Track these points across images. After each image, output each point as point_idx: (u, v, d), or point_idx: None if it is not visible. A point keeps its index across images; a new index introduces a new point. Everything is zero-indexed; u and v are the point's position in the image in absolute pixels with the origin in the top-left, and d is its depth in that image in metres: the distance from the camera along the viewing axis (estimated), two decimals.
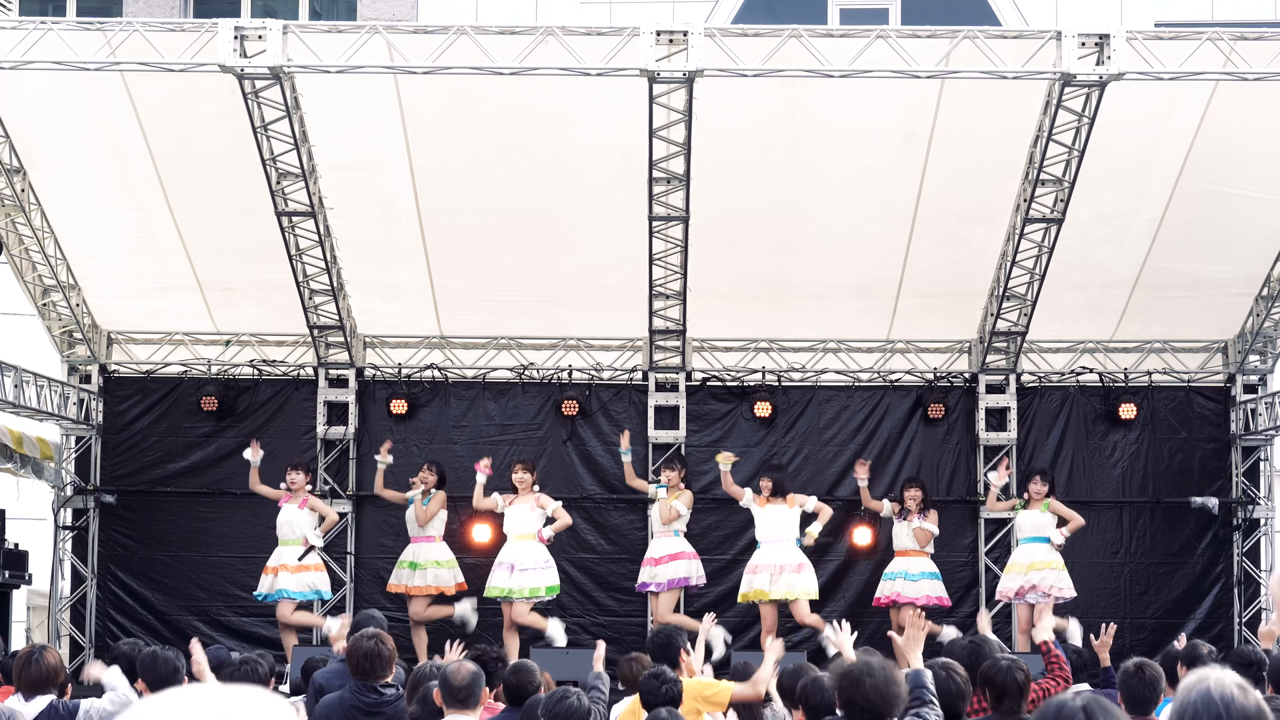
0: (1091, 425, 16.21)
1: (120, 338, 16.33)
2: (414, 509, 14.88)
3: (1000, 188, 14.06)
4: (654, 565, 14.61)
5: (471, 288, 15.47)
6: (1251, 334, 15.89)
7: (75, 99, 13.53)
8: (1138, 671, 7.29)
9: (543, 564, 14.36)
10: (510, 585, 14.22)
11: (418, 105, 13.44)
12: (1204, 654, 9.48)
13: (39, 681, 8.17)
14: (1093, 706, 3.30)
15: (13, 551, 15.37)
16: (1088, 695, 3.43)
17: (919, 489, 14.94)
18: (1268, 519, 16.12)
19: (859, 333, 16.15)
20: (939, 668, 6.20)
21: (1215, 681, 3.21)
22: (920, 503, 14.86)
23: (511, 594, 14.22)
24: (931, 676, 6.39)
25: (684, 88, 12.09)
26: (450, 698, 6.96)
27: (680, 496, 14.66)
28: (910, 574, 14.78)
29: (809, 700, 6.96)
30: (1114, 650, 15.62)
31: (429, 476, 14.88)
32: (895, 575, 14.88)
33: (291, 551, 14.57)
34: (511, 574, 14.24)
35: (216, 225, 14.78)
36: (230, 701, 2.45)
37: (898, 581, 14.82)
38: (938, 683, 6.09)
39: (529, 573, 14.26)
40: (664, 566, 14.56)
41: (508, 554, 14.40)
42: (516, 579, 14.22)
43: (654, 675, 7.80)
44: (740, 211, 14.47)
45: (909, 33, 11.81)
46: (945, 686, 6.13)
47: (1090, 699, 3.35)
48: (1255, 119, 13.47)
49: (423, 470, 14.96)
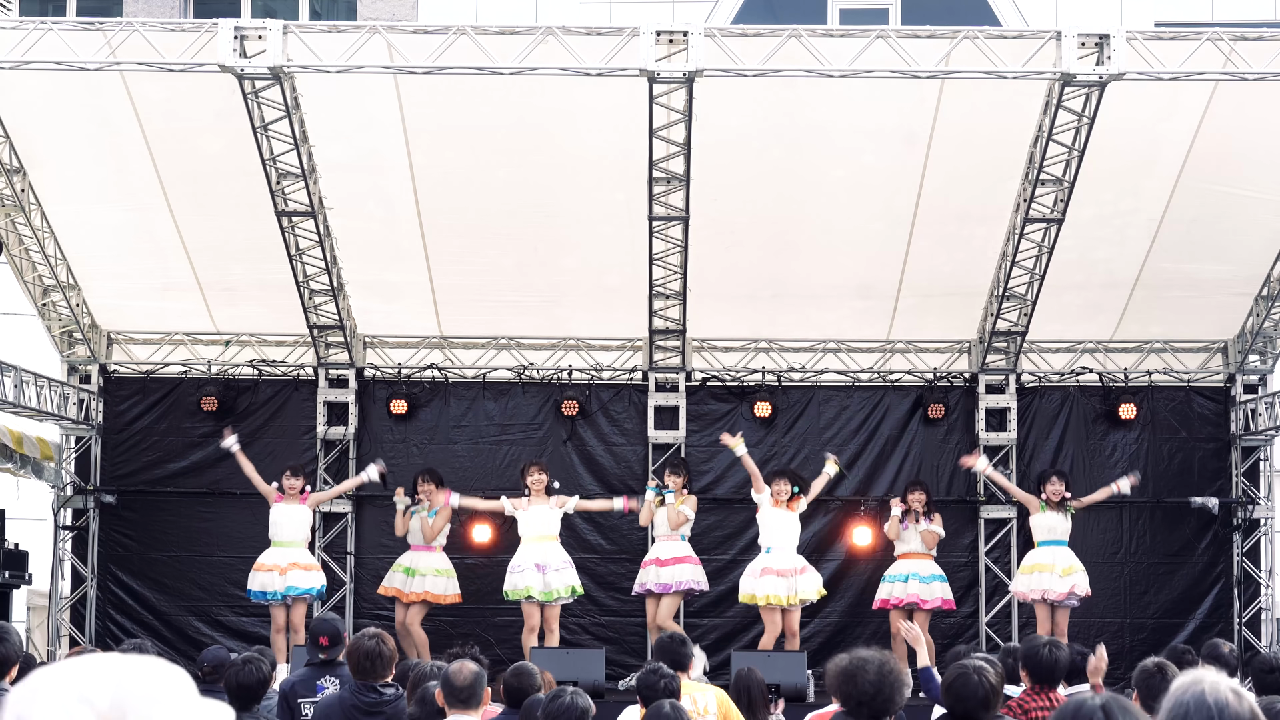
0: (1091, 425, 16.21)
1: (120, 338, 16.33)
2: (419, 525, 14.75)
3: (1000, 188, 14.06)
4: (659, 566, 14.54)
5: (471, 288, 15.46)
6: (1251, 334, 15.89)
7: (75, 99, 13.53)
8: (1158, 671, 7.28)
9: (566, 564, 14.38)
10: (544, 587, 14.18)
11: (418, 105, 13.44)
12: (1225, 653, 9.48)
13: None
14: (1111, 705, 3.29)
15: (13, 551, 15.37)
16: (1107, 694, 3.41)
17: (923, 491, 14.90)
18: (1268, 519, 16.12)
19: (859, 333, 16.15)
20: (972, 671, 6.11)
21: (1210, 685, 3.21)
22: (925, 505, 14.82)
23: (549, 597, 14.18)
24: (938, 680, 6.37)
25: (684, 88, 12.09)
26: (452, 698, 6.95)
27: (686, 500, 14.64)
28: (923, 576, 14.72)
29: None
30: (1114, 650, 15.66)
31: (428, 488, 14.78)
32: (906, 577, 14.75)
33: (294, 552, 14.50)
34: (544, 575, 14.19)
35: (216, 225, 14.78)
36: (126, 670, 2.46)
37: (911, 584, 14.70)
38: (968, 684, 6.03)
39: (561, 572, 14.26)
40: (669, 569, 14.51)
41: (532, 555, 14.30)
42: (550, 579, 14.20)
43: (652, 672, 7.79)
44: (740, 211, 14.47)
45: (909, 33, 11.81)
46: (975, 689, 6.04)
47: (1110, 698, 3.34)
48: (1255, 119, 13.46)
49: (420, 484, 14.82)
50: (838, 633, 15.69)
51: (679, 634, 8.92)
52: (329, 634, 8.94)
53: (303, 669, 9.11)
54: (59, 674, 2.44)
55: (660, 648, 8.90)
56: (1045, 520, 14.54)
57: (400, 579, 14.74)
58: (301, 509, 14.55)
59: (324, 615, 10.25)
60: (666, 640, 8.91)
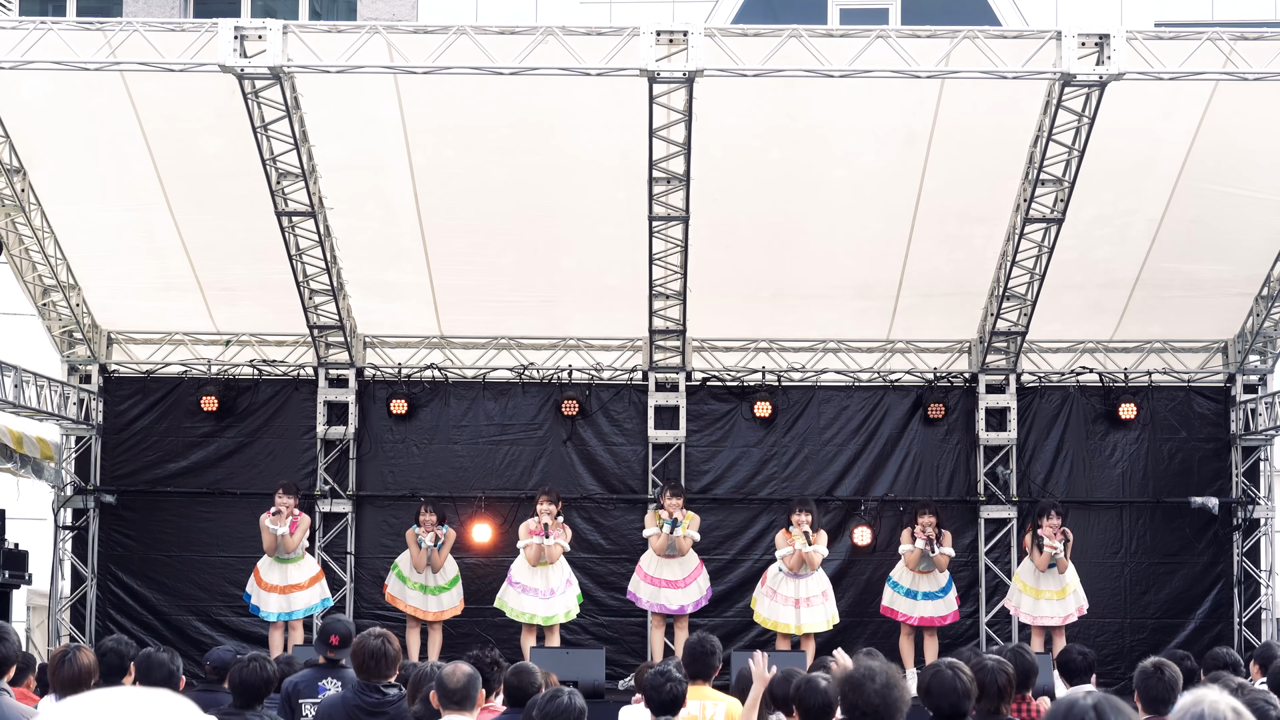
0: (1091, 425, 16.21)
1: (120, 338, 16.33)
2: (429, 557, 14.74)
3: (1000, 188, 14.06)
4: (679, 588, 14.58)
5: (471, 288, 15.46)
6: (1251, 334, 15.89)
7: (75, 99, 13.53)
8: (1156, 672, 7.26)
9: (568, 583, 14.49)
10: (548, 611, 14.24)
11: (418, 105, 13.44)
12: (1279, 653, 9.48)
13: (73, 681, 8.12)
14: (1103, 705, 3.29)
15: (13, 551, 15.37)
16: (1099, 694, 3.41)
17: (932, 514, 14.83)
18: (1268, 519, 16.12)
19: (859, 333, 16.15)
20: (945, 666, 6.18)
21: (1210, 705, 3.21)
22: (935, 528, 14.77)
23: (550, 621, 14.26)
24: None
25: (684, 88, 12.09)
26: (446, 699, 6.95)
27: (690, 522, 14.65)
28: (935, 593, 14.72)
29: (804, 702, 6.94)
30: (1115, 650, 15.68)
31: (431, 519, 14.78)
32: (917, 594, 14.73)
33: (297, 570, 14.51)
34: (548, 600, 14.26)
35: (216, 225, 14.78)
36: (140, 704, 2.45)
37: (939, 603, 14.70)
38: (943, 681, 6.07)
39: (564, 596, 14.37)
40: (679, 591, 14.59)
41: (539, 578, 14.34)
42: (554, 604, 14.27)
43: (660, 673, 7.73)
44: (740, 211, 14.47)
45: (909, 33, 11.80)
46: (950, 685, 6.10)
47: (1101, 697, 3.34)
48: (1255, 119, 13.47)
49: (422, 515, 14.80)
50: (838, 633, 15.66)
51: (712, 641, 8.71)
52: (341, 634, 8.95)
53: (306, 670, 9.11)
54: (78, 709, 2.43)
55: (691, 653, 8.66)
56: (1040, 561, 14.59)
57: (417, 597, 14.75)
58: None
59: (338, 616, 10.27)
60: (697, 645, 8.62)
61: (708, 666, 8.48)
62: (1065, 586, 14.53)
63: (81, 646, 8.41)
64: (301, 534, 14.54)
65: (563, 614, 14.38)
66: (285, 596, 14.48)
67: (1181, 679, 7.36)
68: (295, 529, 14.47)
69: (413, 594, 14.78)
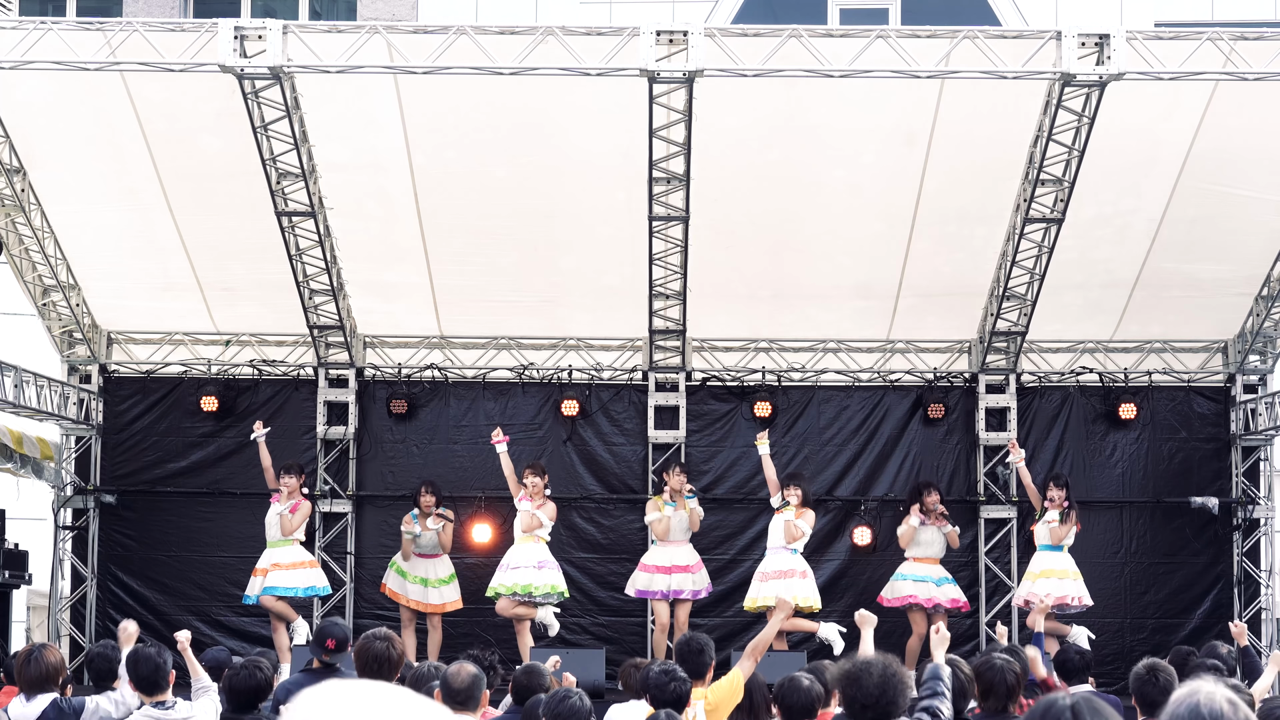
0: (1091, 425, 16.21)
1: (120, 338, 16.33)
2: (436, 538, 14.74)
3: (1000, 188, 14.06)
4: (691, 573, 14.58)
5: (471, 288, 15.46)
6: (1251, 334, 15.89)
7: (75, 99, 13.53)
8: (1150, 675, 7.25)
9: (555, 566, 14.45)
10: (540, 582, 14.22)
11: (418, 105, 13.44)
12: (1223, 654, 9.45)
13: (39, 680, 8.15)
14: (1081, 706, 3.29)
15: (13, 551, 15.38)
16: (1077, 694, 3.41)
17: (937, 491, 14.85)
18: (1268, 519, 16.12)
19: (859, 333, 16.15)
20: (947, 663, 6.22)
21: (1205, 696, 3.22)
22: (941, 503, 14.81)
23: (543, 590, 14.18)
24: (950, 672, 6.40)
25: (684, 88, 12.09)
26: (451, 699, 6.95)
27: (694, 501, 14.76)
28: (936, 579, 14.72)
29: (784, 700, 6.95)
30: (1114, 650, 15.70)
31: (429, 500, 14.79)
32: (924, 579, 14.73)
33: (281, 552, 14.51)
34: (540, 571, 14.24)
35: (216, 225, 14.78)
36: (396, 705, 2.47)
37: (946, 587, 14.70)
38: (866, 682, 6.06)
39: (553, 571, 14.30)
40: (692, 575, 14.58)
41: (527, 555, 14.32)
42: (542, 575, 14.23)
43: (665, 672, 7.69)
44: (740, 211, 14.47)
45: (909, 33, 11.80)
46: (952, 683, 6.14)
47: (1080, 698, 3.34)
48: (1255, 119, 13.46)
49: (422, 495, 14.85)
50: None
51: (700, 639, 8.69)
52: (337, 638, 8.84)
53: (299, 674, 9.03)
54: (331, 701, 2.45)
55: (681, 652, 8.62)
56: (1042, 528, 14.57)
57: (418, 590, 14.76)
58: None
59: (334, 619, 10.21)
60: (685, 645, 8.57)
61: (700, 665, 8.41)
62: (1067, 571, 14.48)
63: (48, 645, 8.44)
64: (301, 519, 14.54)
65: (550, 587, 14.16)
66: (261, 578, 14.49)
67: (1176, 679, 7.35)
68: (296, 510, 14.49)
69: (413, 587, 14.81)
